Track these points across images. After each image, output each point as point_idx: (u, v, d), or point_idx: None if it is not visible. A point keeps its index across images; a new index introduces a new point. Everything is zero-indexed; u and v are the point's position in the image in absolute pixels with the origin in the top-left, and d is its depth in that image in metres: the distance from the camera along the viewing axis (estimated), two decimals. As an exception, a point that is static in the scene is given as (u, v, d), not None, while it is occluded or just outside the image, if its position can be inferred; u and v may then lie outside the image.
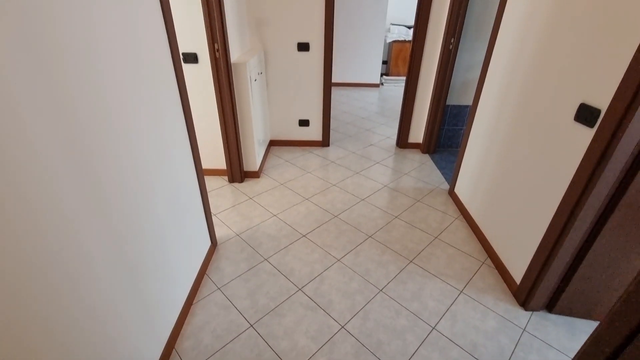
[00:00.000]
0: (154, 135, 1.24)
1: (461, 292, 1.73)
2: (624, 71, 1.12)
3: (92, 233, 0.91)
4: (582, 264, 1.42)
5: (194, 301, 1.64)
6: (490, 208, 1.99)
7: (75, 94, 0.84)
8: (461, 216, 2.34)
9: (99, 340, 0.94)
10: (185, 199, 1.55)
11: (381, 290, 1.73)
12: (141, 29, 1.14)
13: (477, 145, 2.19)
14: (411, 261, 1.93)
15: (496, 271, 1.86)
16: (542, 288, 1.54)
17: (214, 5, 1.99)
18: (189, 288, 1.61)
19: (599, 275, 1.44)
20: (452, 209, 2.42)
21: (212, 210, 2.33)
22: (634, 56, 1.07)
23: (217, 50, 2.13)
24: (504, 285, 1.77)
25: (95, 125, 0.91)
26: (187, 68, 2.27)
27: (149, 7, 1.20)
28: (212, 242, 1.94)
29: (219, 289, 1.72)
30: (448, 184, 2.76)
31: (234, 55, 2.36)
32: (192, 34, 2.16)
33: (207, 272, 1.81)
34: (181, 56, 1.94)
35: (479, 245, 2.06)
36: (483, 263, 1.92)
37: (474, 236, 2.14)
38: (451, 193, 2.55)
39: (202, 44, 2.20)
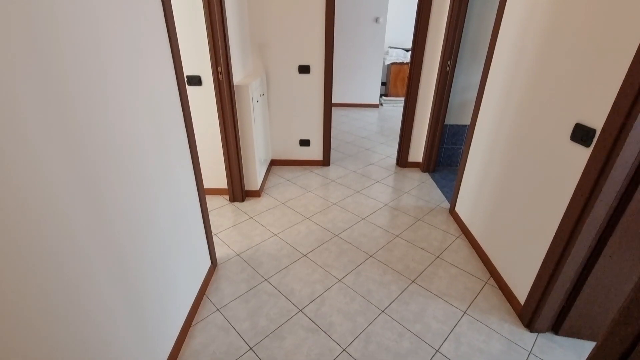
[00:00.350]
0: (157, 155, 1.26)
1: (465, 313, 1.70)
2: (617, 92, 1.15)
3: (96, 250, 0.91)
4: (586, 284, 1.40)
5: (193, 323, 1.61)
6: (491, 227, 1.98)
7: (82, 116, 0.86)
8: (462, 235, 2.33)
9: (99, 358, 0.93)
10: (186, 219, 1.56)
11: (383, 311, 1.70)
12: (148, 54, 1.19)
13: (476, 165, 2.21)
14: (413, 281, 1.90)
15: (499, 291, 1.84)
16: (547, 309, 1.52)
17: (218, 30, 2.07)
18: (188, 309, 1.58)
19: (603, 295, 1.42)
20: (454, 227, 2.42)
21: (212, 230, 2.32)
22: (625, 77, 1.10)
23: (221, 73, 2.19)
24: (508, 305, 1.74)
25: (101, 143, 0.93)
26: (191, 90, 2.33)
27: (156, 33, 1.25)
28: (212, 262, 1.93)
29: (218, 310, 1.69)
30: (448, 202, 2.76)
31: (237, 78, 2.42)
32: (197, 58, 2.23)
33: (206, 293, 1.79)
34: (185, 79, 2.00)
35: (481, 265, 2.04)
36: (486, 283, 1.90)
37: (476, 255, 2.12)
38: (452, 212, 2.55)
39: (206, 67, 2.26)
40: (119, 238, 1.02)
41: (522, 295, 1.67)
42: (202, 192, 1.74)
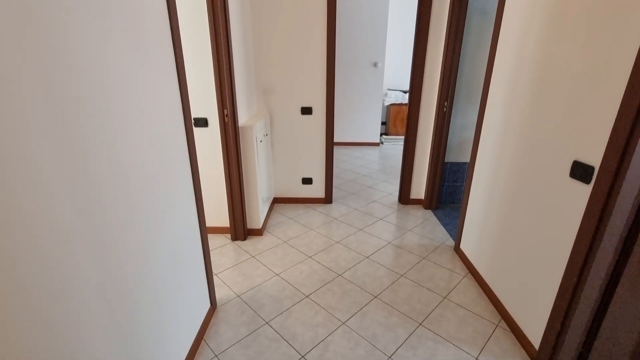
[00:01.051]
0: (162, 194, 1.28)
1: (476, 359, 1.60)
2: (611, 129, 1.18)
3: (93, 288, 0.89)
4: (603, 327, 1.34)
5: (189, 371, 1.53)
6: (498, 266, 1.93)
7: (92, 154, 0.89)
8: (469, 274, 2.26)
9: (85, 416, 0.87)
10: (186, 259, 1.54)
11: (390, 357, 1.61)
12: (159, 98, 1.25)
13: (478, 202, 2.20)
14: (420, 324, 1.82)
15: (512, 334, 1.75)
16: (564, 355, 1.43)
17: (225, 75, 2.19)
18: (185, 355, 1.51)
19: (623, 339, 1.35)
20: (460, 266, 2.36)
21: (213, 270, 2.27)
22: (617, 115, 1.14)
23: (226, 115, 2.28)
24: (522, 351, 1.65)
25: (108, 179, 0.95)
26: (197, 131, 2.41)
27: (167, 79, 1.32)
28: (211, 304, 1.87)
29: (216, 356, 1.61)
30: (453, 240, 2.72)
31: (242, 119, 2.51)
32: (204, 101, 2.34)
33: (204, 337, 1.71)
34: (192, 121, 2.07)
35: (490, 306, 1.96)
36: (497, 326, 1.81)
37: (485, 296, 2.05)
38: (457, 250, 2.51)
39: (213, 110, 2.36)
40: (116, 277, 1.01)
41: (536, 339, 1.58)
42: (205, 232, 1.73)
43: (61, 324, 0.79)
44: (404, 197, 3.40)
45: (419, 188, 3.37)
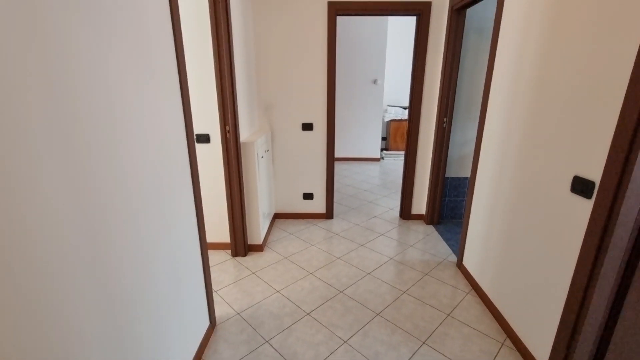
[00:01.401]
0: (163, 209, 1.28)
1: (482, 379, 1.56)
2: (609, 143, 1.18)
3: (86, 305, 0.88)
4: (611, 345, 1.31)
5: (187, 392, 1.49)
6: (502, 283, 1.91)
7: (97, 170, 0.90)
8: (473, 291, 2.23)
9: None
10: (186, 275, 1.52)
11: (393, 377, 1.57)
12: (161, 114, 1.27)
13: (480, 217, 2.20)
14: (424, 342, 1.78)
15: (518, 354, 1.71)
16: (572, 374, 1.39)
17: (227, 92, 2.22)
18: (183, 376, 1.47)
19: (632, 357, 1.32)
20: (463, 282, 2.32)
21: (213, 287, 2.25)
22: (615, 129, 1.15)
23: (228, 131, 2.30)
24: (529, 370, 1.61)
25: (110, 192, 0.96)
26: (199, 147, 2.43)
27: (171, 98, 1.35)
28: (210, 322, 1.84)
29: (215, 377, 1.57)
30: (455, 255, 2.69)
31: (243, 135, 2.54)
32: (206, 117, 2.37)
33: (203, 356, 1.68)
34: (195, 137, 2.10)
35: (495, 324, 1.92)
36: (502, 344, 1.77)
37: (489, 313, 2.01)
38: (460, 266, 2.48)
39: (215, 126, 2.39)
40: (115, 292, 1.00)
41: (543, 358, 1.54)
42: (205, 248, 1.72)
43: (58, 336, 0.77)
44: (405, 213, 3.39)
45: (420, 203, 3.36)
